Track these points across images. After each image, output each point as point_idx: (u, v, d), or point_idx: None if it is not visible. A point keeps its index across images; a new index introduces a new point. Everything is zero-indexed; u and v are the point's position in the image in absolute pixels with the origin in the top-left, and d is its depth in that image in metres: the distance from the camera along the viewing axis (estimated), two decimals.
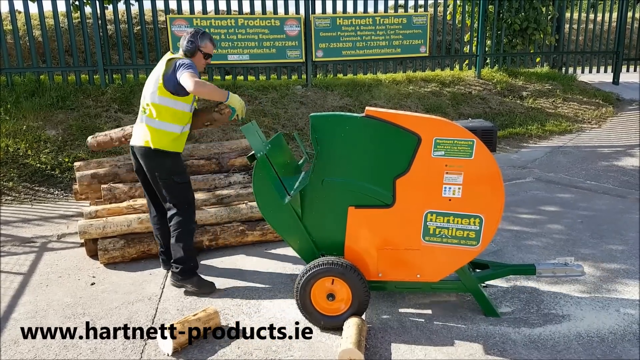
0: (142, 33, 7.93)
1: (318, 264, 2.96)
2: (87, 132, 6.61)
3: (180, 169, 3.50)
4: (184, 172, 3.53)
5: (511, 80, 9.70)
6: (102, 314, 3.28)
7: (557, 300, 3.32)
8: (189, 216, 3.50)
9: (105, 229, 4.00)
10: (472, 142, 2.82)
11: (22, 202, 5.62)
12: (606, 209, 4.97)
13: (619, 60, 10.52)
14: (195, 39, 3.47)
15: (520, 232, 4.47)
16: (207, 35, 3.53)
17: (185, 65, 3.29)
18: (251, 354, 2.83)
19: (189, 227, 3.50)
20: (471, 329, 3.01)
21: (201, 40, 3.47)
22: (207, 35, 3.52)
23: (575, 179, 5.99)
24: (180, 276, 3.50)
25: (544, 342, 2.87)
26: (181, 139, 3.50)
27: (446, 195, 2.89)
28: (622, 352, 2.77)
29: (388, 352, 2.82)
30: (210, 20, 7.71)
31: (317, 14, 8.29)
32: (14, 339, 3.01)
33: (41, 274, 3.88)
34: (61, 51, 7.51)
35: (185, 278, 3.49)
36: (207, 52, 3.53)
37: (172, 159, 3.45)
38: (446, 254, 2.96)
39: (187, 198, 3.51)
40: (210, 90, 3.27)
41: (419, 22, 8.80)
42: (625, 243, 4.17)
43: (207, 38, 3.51)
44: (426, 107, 8.42)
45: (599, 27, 10.58)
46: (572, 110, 9.19)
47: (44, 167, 6.14)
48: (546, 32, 10.07)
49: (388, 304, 3.30)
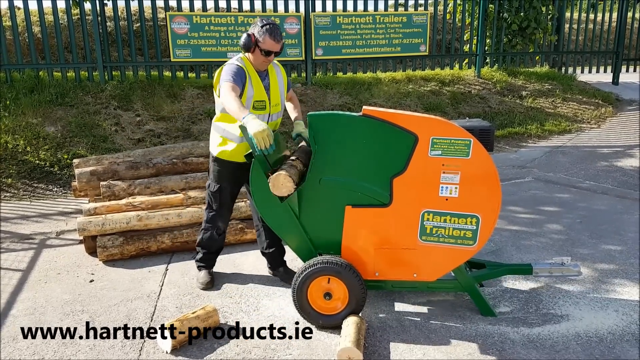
0: (142, 30, 7.92)
1: (314, 264, 2.96)
2: (86, 129, 6.61)
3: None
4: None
5: (511, 80, 9.70)
6: (101, 311, 3.28)
7: (555, 300, 3.32)
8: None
9: (104, 226, 4.00)
10: (469, 142, 2.83)
11: (21, 198, 5.62)
12: (605, 209, 4.98)
13: (618, 60, 10.52)
14: (252, 33, 3.16)
15: (519, 231, 4.47)
16: (269, 29, 3.14)
17: (223, 78, 3.12)
18: (250, 352, 2.83)
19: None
20: (470, 328, 3.02)
21: (260, 35, 3.14)
22: (269, 29, 3.14)
23: (574, 179, 5.99)
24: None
25: (542, 342, 2.88)
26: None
27: (443, 195, 2.89)
28: (620, 353, 2.78)
29: (387, 351, 2.82)
30: (210, 18, 7.70)
31: (317, 12, 8.28)
32: (13, 336, 3.01)
33: (40, 271, 3.88)
34: (60, 48, 7.49)
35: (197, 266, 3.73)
36: (266, 48, 3.17)
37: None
38: (443, 254, 2.97)
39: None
40: (229, 104, 2.98)
41: (418, 20, 8.80)
42: (624, 243, 4.18)
43: (266, 32, 3.13)
44: (426, 106, 8.42)
45: (599, 27, 10.58)
46: (572, 110, 9.19)
47: (43, 164, 6.13)
48: (546, 32, 10.06)
49: (387, 303, 3.30)
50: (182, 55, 7.68)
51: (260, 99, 3.27)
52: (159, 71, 7.95)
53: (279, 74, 3.45)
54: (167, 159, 4.80)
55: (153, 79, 7.82)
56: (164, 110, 7.21)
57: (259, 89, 3.27)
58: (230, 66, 3.19)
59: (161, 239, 4.07)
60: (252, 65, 3.27)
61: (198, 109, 7.36)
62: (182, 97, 7.54)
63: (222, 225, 3.60)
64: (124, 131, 6.79)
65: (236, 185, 3.52)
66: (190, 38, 7.65)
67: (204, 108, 7.38)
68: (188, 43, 7.65)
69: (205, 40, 7.69)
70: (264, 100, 3.28)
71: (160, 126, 6.98)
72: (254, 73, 3.26)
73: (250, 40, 3.16)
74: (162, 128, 6.96)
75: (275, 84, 3.38)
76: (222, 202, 3.49)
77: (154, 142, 6.70)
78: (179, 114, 7.21)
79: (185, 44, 7.65)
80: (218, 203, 3.49)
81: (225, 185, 3.45)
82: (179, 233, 4.12)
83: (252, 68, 3.27)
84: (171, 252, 4.14)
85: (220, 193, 3.46)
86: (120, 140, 6.63)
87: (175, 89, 7.62)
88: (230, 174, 3.41)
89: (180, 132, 6.91)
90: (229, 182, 3.45)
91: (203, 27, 7.66)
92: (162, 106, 7.26)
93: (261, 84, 3.28)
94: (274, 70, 3.42)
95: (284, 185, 2.82)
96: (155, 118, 7.09)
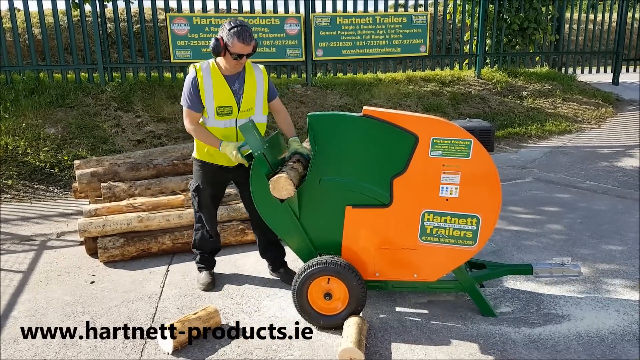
0: (142, 31, 7.92)
1: (313, 264, 2.96)
2: (86, 131, 6.62)
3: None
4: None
5: (511, 80, 9.70)
6: (102, 312, 3.28)
7: (556, 300, 3.32)
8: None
9: (105, 227, 4.00)
10: (470, 142, 2.83)
11: (21, 200, 5.62)
12: (606, 209, 4.98)
13: (618, 60, 10.52)
14: (221, 37, 3.08)
15: (520, 232, 4.47)
16: (237, 31, 3.03)
17: (182, 98, 3.25)
18: (251, 353, 2.83)
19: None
20: (471, 328, 3.02)
21: (228, 38, 3.05)
22: (236, 32, 3.03)
23: (574, 179, 5.99)
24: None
25: (544, 342, 2.88)
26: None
27: (443, 195, 2.89)
28: (621, 353, 2.78)
29: (388, 351, 2.82)
30: (210, 19, 7.71)
31: (317, 13, 8.29)
32: (14, 337, 3.01)
33: (41, 272, 3.88)
34: (60, 49, 7.50)
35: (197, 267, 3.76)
36: (236, 52, 3.07)
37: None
38: (443, 254, 2.96)
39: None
40: (199, 138, 3.27)
41: (418, 21, 8.80)
42: (624, 243, 4.18)
43: (234, 35, 3.03)
44: (426, 106, 8.42)
45: (599, 27, 10.58)
46: (572, 110, 9.19)
47: (44, 165, 6.14)
48: (546, 32, 10.07)
49: (388, 304, 3.30)
50: (183, 56, 7.68)
51: (223, 104, 3.21)
52: (159, 72, 7.95)
53: (259, 78, 3.32)
54: (168, 160, 4.80)
55: (153, 80, 7.83)
56: (164, 111, 7.22)
57: (223, 94, 3.20)
58: (186, 79, 3.23)
59: (162, 240, 4.07)
60: (220, 70, 3.21)
61: None
62: None
63: (209, 227, 3.58)
64: (124, 132, 6.79)
65: (215, 186, 3.49)
66: (191, 39, 7.65)
67: None
68: (188, 44, 7.66)
69: (205, 42, 7.69)
70: (229, 105, 3.22)
71: (161, 127, 6.99)
72: (219, 78, 3.19)
73: (219, 45, 3.07)
74: (163, 129, 6.96)
75: (251, 87, 3.28)
76: (201, 202, 3.50)
77: (154, 143, 6.70)
78: (180, 115, 7.21)
79: (186, 45, 7.65)
80: (198, 203, 3.51)
81: (204, 186, 3.45)
82: (179, 234, 4.12)
83: (219, 73, 3.20)
84: (172, 253, 4.14)
85: (198, 193, 3.47)
86: (121, 142, 6.63)
87: (175, 90, 7.62)
88: (207, 174, 3.42)
89: (181, 133, 6.92)
90: (207, 182, 3.45)
91: (203, 28, 7.67)
92: (163, 107, 7.26)
93: (228, 89, 3.20)
94: (253, 73, 3.31)
95: (285, 188, 2.82)
96: (156, 119, 7.10)
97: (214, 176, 3.43)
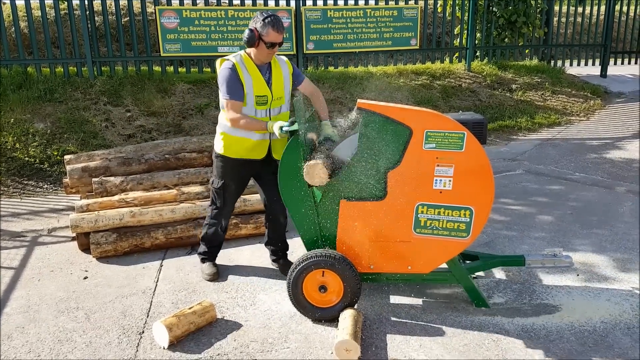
0: (131, 25, 7.84)
1: (308, 257, 2.97)
2: (75, 125, 6.55)
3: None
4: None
5: (501, 73, 9.74)
6: (96, 307, 3.27)
7: (549, 290, 3.36)
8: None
9: (97, 222, 3.98)
10: (463, 135, 2.85)
11: (10, 196, 5.56)
12: (595, 201, 5.04)
13: (606, 53, 10.60)
14: (254, 27, 3.16)
15: (511, 223, 4.51)
16: (271, 21, 3.14)
17: (221, 91, 3.22)
18: (247, 346, 2.84)
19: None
20: (465, 319, 3.05)
21: (263, 28, 3.14)
22: (271, 22, 3.13)
23: (564, 171, 6.05)
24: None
25: (537, 331, 2.92)
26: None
27: (437, 188, 2.91)
28: (613, 341, 2.82)
29: (384, 342, 2.84)
30: (200, 12, 7.64)
31: (308, 6, 8.24)
32: (8, 334, 2.99)
33: (33, 268, 3.85)
34: (48, 43, 7.40)
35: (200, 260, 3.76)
36: (270, 41, 3.16)
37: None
38: (437, 246, 2.99)
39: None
40: (245, 127, 3.23)
41: (409, 14, 8.80)
42: (614, 234, 4.23)
43: (269, 24, 3.13)
44: (417, 100, 8.44)
45: (587, 21, 10.65)
46: (561, 102, 9.26)
47: (33, 161, 6.07)
48: (535, 25, 10.11)
49: (382, 296, 3.32)
50: (172, 49, 7.61)
51: (261, 93, 3.26)
52: (148, 66, 7.88)
53: (284, 67, 3.42)
54: (160, 155, 4.77)
55: (143, 74, 7.74)
56: (154, 105, 7.16)
57: (260, 84, 3.26)
58: (223, 72, 3.22)
59: (155, 235, 4.06)
60: (252, 60, 3.27)
61: (189, 104, 7.31)
62: (173, 92, 7.49)
63: (225, 222, 3.62)
64: (114, 127, 6.73)
65: (240, 182, 3.51)
66: (180, 32, 7.59)
67: (194, 103, 7.34)
68: (178, 37, 7.59)
69: (195, 35, 7.63)
70: (265, 95, 3.28)
71: (151, 122, 6.93)
72: (253, 69, 3.26)
73: (253, 35, 3.15)
74: (153, 123, 6.91)
75: (279, 77, 3.36)
76: (226, 199, 3.50)
77: (144, 137, 6.65)
78: (170, 109, 7.16)
79: (175, 39, 7.59)
80: (222, 200, 3.49)
81: (229, 182, 3.45)
82: (172, 229, 4.10)
83: (252, 64, 3.26)
84: (165, 248, 4.12)
85: (224, 190, 3.46)
86: (111, 136, 6.57)
87: (165, 84, 7.56)
88: (233, 170, 3.42)
89: (172, 128, 6.87)
90: (232, 179, 3.45)
91: (193, 22, 7.60)
92: (153, 101, 7.20)
93: (262, 79, 3.27)
94: (278, 63, 3.39)
95: (318, 176, 2.84)
96: (146, 113, 7.04)
97: (240, 171, 3.44)
